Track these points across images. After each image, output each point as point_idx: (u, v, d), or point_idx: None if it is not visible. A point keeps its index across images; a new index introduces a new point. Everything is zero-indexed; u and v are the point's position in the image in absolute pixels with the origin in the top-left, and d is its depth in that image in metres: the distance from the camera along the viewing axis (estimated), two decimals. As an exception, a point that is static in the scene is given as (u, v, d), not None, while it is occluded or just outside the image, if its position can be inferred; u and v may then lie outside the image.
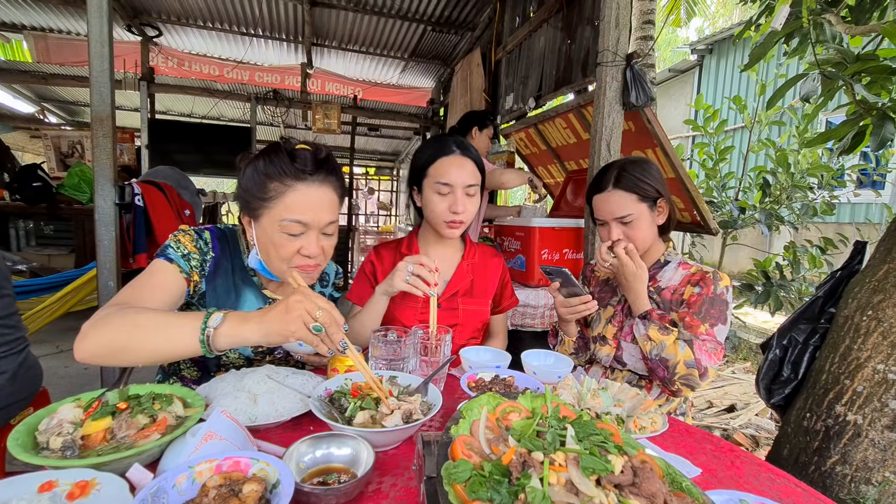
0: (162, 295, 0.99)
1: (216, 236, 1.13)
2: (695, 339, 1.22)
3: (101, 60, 1.77)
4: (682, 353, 1.19)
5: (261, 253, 1.07)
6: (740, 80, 8.08)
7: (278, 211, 0.99)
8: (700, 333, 1.23)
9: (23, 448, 0.65)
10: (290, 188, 0.99)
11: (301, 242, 1.02)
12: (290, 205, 0.99)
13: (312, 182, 1.01)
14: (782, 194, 3.50)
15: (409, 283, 1.17)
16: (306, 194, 1.00)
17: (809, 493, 0.75)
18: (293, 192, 0.99)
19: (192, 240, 1.09)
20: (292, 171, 1.00)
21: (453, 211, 1.31)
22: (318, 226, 1.03)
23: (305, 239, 1.02)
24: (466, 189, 1.33)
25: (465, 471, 0.48)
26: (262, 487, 0.60)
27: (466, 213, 1.34)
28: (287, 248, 1.01)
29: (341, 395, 0.86)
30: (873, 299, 1.53)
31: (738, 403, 3.40)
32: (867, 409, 1.51)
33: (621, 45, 2.22)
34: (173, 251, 1.04)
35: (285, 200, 0.99)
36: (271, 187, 1.00)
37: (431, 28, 5.03)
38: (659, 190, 1.32)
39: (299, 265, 1.03)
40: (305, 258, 1.03)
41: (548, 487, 0.44)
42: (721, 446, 0.89)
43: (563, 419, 0.56)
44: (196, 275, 1.07)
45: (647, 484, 0.45)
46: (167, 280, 1.02)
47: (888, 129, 1.77)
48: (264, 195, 1.00)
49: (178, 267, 1.03)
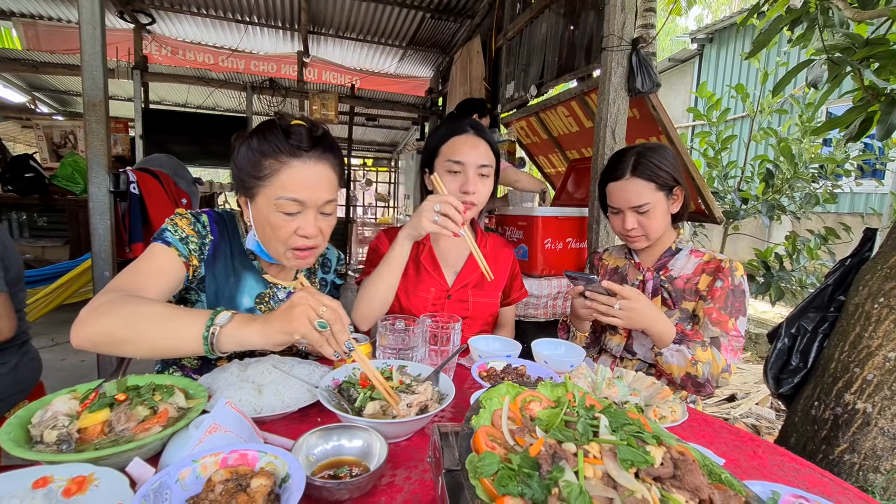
0: (160, 281, 0.95)
1: (214, 220, 1.09)
2: (722, 336, 1.20)
3: (93, 43, 1.70)
4: (719, 362, 1.15)
5: (258, 234, 1.03)
6: (741, 69, 8.02)
7: (274, 189, 0.96)
8: (729, 329, 1.20)
9: (15, 442, 0.61)
10: (285, 165, 0.96)
11: (298, 222, 0.98)
12: (286, 182, 0.96)
13: (308, 159, 0.98)
14: (785, 185, 3.47)
15: (437, 224, 1.11)
16: (302, 171, 0.97)
17: (836, 483, 0.73)
18: (288, 170, 0.96)
19: (190, 223, 1.04)
20: (287, 148, 0.96)
21: (464, 191, 1.26)
22: (315, 204, 0.99)
23: (303, 219, 0.98)
24: (479, 169, 1.28)
25: (493, 464, 0.45)
26: (270, 482, 0.57)
27: (478, 195, 1.29)
28: (284, 228, 0.98)
29: (350, 385, 0.83)
30: (885, 286, 1.51)
31: (738, 393, 3.40)
32: (877, 398, 1.49)
33: (627, 30, 2.17)
34: (171, 234, 1.00)
35: (280, 178, 0.96)
36: (266, 165, 0.96)
37: (430, 15, 4.94)
38: (676, 177, 1.29)
39: (297, 246, 1.00)
40: (303, 239, 0.99)
41: (584, 481, 0.41)
42: (741, 436, 0.87)
43: (592, 408, 0.53)
44: (195, 259, 1.03)
45: (689, 476, 0.42)
46: (165, 265, 0.98)
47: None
48: (259, 173, 0.97)
49: (177, 251, 0.99)
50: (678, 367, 1.15)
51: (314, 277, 1.27)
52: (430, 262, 1.39)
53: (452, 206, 1.11)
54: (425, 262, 1.38)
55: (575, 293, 1.25)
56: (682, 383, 1.18)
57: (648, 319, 1.14)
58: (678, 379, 1.17)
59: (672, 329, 1.16)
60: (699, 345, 1.15)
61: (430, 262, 1.39)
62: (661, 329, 1.15)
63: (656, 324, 1.15)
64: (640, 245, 1.35)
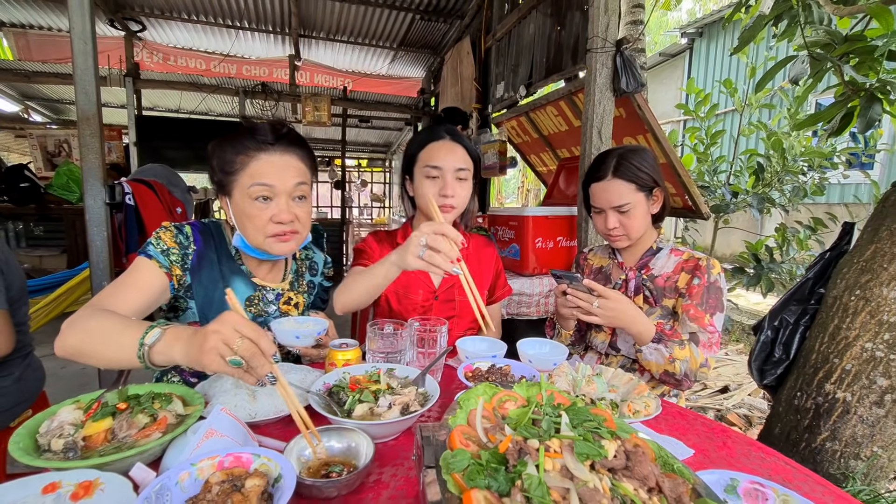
0: (141, 293, 1.02)
1: (198, 230, 1.15)
2: (700, 332, 1.25)
3: (85, 58, 1.74)
4: (697, 358, 1.20)
5: (239, 228, 1.10)
6: (731, 63, 8.07)
7: (245, 179, 1.05)
8: (706, 325, 1.25)
9: (24, 451, 0.65)
10: (253, 158, 1.06)
11: (272, 209, 1.06)
12: (254, 171, 1.05)
13: (274, 151, 1.07)
14: (774, 178, 3.52)
15: (423, 260, 0.94)
16: (268, 161, 1.06)
17: (799, 470, 0.78)
18: (256, 161, 1.05)
19: (173, 235, 1.11)
20: (254, 144, 1.06)
21: (443, 194, 1.30)
22: (285, 189, 1.07)
23: (275, 205, 1.06)
24: (457, 173, 1.32)
25: (463, 460, 0.49)
26: (264, 482, 0.61)
27: (457, 198, 1.33)
28: (259, 216, 1.05)
29: (340, 389, 0.87)
30: (861, 279, 1.56)
31: (731, 384, 3.45)
32: (856, 387, 1.55)
33: (611, 32, 2.21)
34: (153, 248, 1.07)
35: (250, 169, 1.05)
36: (237, 160, 1.06)
37: (420, 17, 4.97)
38: (655, 179, 1.34)
39: (275, 233, 1.07)
40: (279, 225, 1.07)
41: (543, 473, 0.46)
42: (713, 427, 0.91)
43: (558, 406, 0.58)
44: (177, 268, 1.09)
45: (639, 467, 0.46)
46: (146, 277, 1.04)
47: (875, 109, 1.79)
48: (231, 168, 1.06)
49: (158, 262, 1.06)
50: (657, 365, 1.21)
51: (302, 280, 1.32)
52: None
53: (446, 236, 0.94)
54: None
55: (558, 291, 1.30)
56: (661, 379, 1.23)
57: (628, 319, 1.19)
58: (657, 375, 1.22)
59: (651, 328, 1.21)
60: (677, 344, 1.20)
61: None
62: (640, 329, 1.20)
63: (635, 323, 1.20)
64: (622, 244, 1.40)
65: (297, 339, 1.05)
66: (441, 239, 0.94)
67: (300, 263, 1.34)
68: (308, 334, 1.05)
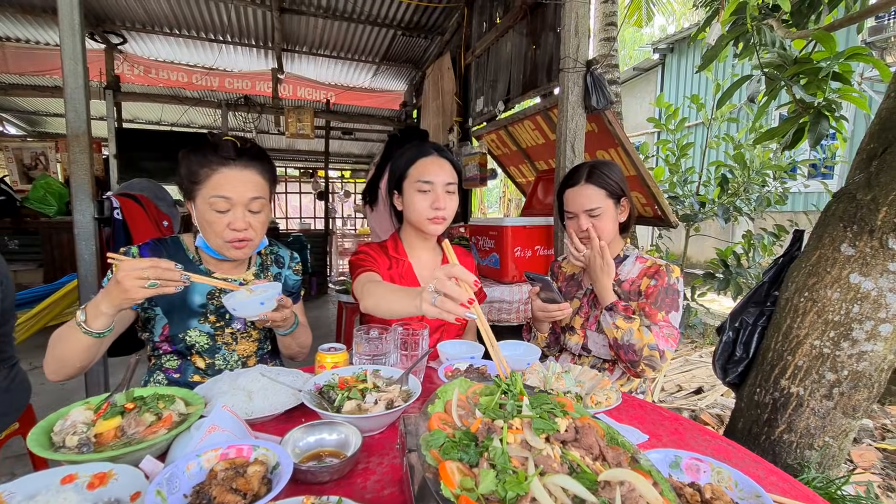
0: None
1: (149, 248, 1.25)
2: (653, 325, 1.36)
3: (76, 77, 1.79)
4: (646, 338, 1.32)
5: (201, 231, 1.22)
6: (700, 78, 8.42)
7: (207, 190, 1.17)
8: (658, 321, 1.37)
9: (42, 447, 0.71)
10: (215, 172, 1.17)
11: (229, 218, 1.18)
12: (215, 184, 1.17)
13: (235, 166, 1.19)
14: (739, 188, 3.72)
15: (436, 307, 0.90)
16: (228, 176, 1.18)
17: (738, 450, 0.88)
18: (217, 175, 1.17)
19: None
20: (217, 159, 1.18)
21: (435, 207, 1.40)
22: (242, 201, 1.18)
23: (232, 215, 1.18)
24: (447, 187, 1.42)
25: (440, 438, 0.58)
26: (263, 468, 0.69)
27: (448, 210, 1.43)
28: (217, 223, 1.17)
29: (329, 388, 0.95)
30: (808, 282, 1.70)
31: (705, 386, 3.60)
32: (807, 382, 1.68)
33: (581, 53, 2.35)
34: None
35: (212, 181, 1.17)
36: (202, 172, 1.18)
37: (401, 33, 5.11)
38: (623, 189, 1.47)
39: (230, 239, 1.19)
40: (234, 232, 1.18)
41: (506, 446, 0.55)
42: (667, 417, 1.02)
43: (520, 392, 0.67)
44: None
45: (585, 438, 0.56)
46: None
47: (823, 125, 1.96)
48: (196, 179, 1.18)
49: None
50: (608, 330, 1.38)
51: (268, 272, 1.41)
52: (408, 277, 1.51)
53: (459, 278, 0.89)
54: (405, 277, 1.50)
55: (532, 294, 1.42)
56: (614, 347, 1.38)
57: (597, 271, 1.42)
58: (612, 342, 1.39)
59: (610, 294, 1.41)
60: (623, 316, 1.37)
61: (408, 278, 1.51)
62: (601, 287, 1.43)
63: (598, 282, 1.43)
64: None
65: (262, 306, 1.10)
66: (449, 283, 0.88)
67: (265, 257, 1.42)
68: (270, 297, 1.11)
